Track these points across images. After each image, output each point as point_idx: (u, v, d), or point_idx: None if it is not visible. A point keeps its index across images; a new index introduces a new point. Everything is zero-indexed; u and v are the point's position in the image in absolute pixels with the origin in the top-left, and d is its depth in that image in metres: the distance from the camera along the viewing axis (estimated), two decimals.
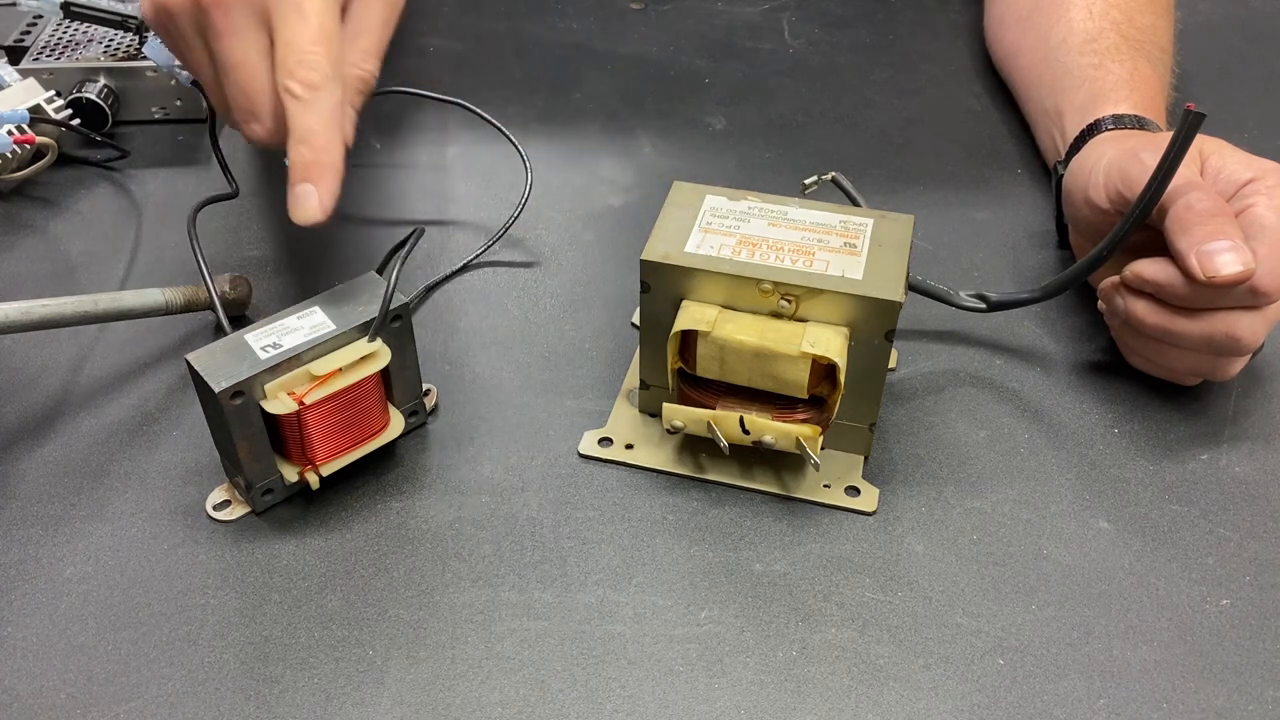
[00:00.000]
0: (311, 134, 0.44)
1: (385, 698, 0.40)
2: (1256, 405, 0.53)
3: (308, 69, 0.44)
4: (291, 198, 0.44)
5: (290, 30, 0.44)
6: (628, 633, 0.43)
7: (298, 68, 0.44)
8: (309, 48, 0.44)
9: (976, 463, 0.50)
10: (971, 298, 0.54)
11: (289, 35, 0.44)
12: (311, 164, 0.44)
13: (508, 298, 0.59)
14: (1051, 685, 0.41)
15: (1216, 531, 0.47)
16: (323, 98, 0.44)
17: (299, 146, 0.44)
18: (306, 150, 0.44)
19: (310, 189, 0.44)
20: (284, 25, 0.44)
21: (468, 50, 0.80)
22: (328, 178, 0.44)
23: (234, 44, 0.45)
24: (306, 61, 0.44)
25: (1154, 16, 0.67)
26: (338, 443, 0.46)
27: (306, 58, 0.44)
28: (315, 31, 0.44)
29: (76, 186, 0.66)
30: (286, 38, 0.44)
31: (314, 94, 0.44)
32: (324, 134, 0.44)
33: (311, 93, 0.44)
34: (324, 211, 0.44)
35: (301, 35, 0.44)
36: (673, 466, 0.49)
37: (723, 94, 0.76)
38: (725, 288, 0.45)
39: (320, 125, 0.44)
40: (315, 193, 0.44)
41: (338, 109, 0.45)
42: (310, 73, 0.44)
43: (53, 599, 0.44)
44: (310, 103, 0.44)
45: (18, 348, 0.55)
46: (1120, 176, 0.50)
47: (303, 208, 0.44)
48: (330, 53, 0.45)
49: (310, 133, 0.44)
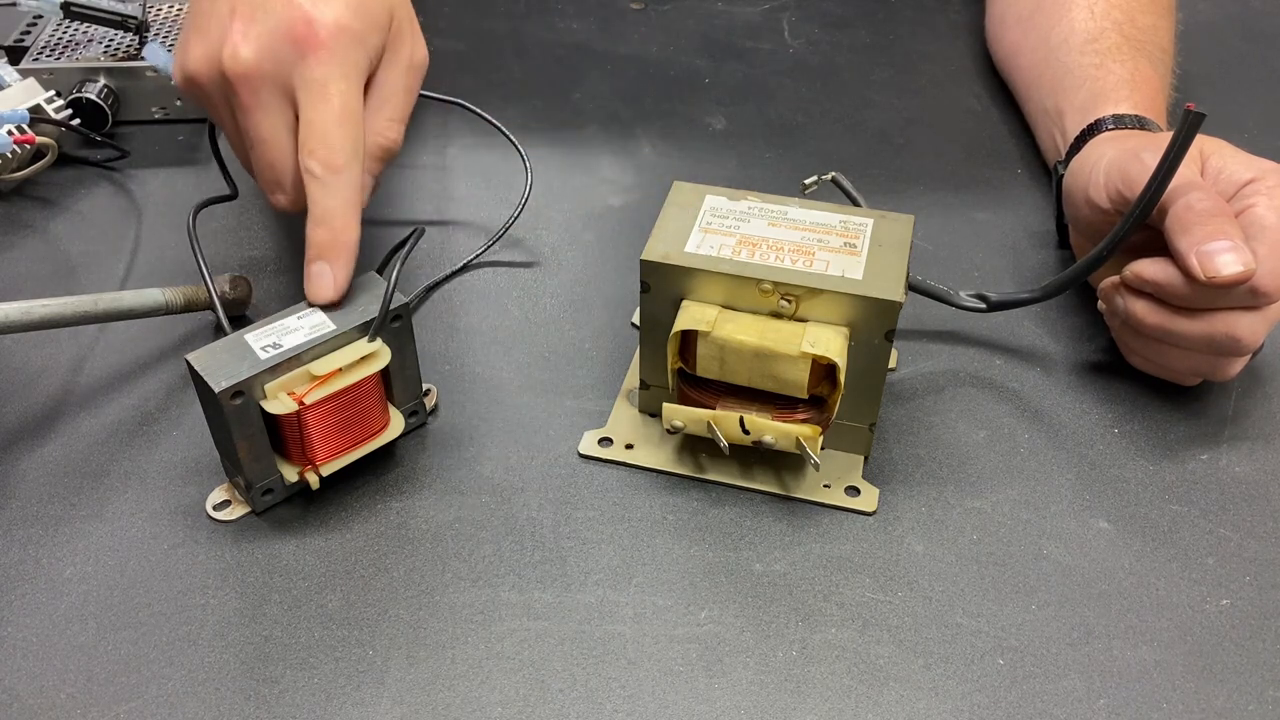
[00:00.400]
0: (330, 215, 0.45)
1: (385, 698, 0.40)
2: (1256, 405, 0.53)
3: (329, 151, 0.45)
4: (307, 275, 0.45)
5: (313, 109, 0.45)
6: (628, 633, 0.43)
7: (319, 148, 0.45)
8: (331, 129, 0.45)
9: (976, 463, 0.50)
10: (971, 298, 0.55)
11: (311, 114, 0.45)
12: (328, 244, 0.45)
13: (508, 298, 0.59)
14: (1051, 685, 0.41)
15: (1216, 531, 0.47)
16: (343, 180, 0.45)
17: (317, 227, 0.45)
18: (325, 231, 0.45)
19: (326, 269, 0.45)
20: (307, 104, 0.45)
21: (468, 50, 0.80)
22: (343, 258, 0.45)
23: (260, 120, 0.46)
24: (328, 143, 0.45)
25: (1155, 17, 0.67)
26: (338, 443, 0.46)
27: (328, 139, 0.45)
28: (338, 113, 0.45)
29: (76, 186, 0.66)
30: (309, 116, 0.45)
31: (334, 177, 0.45)
32: (342, 216, 0.45)
33: (332, 175, 0.45)
34: (338, 292, 0.45)
35: (324, 116, 0.45)
36: (673, 466, 0.49)
37: (723, 94, 0.76)
38: (725, 288, 0.45)
39: (339, 207, 0.45)
40: (330, 272, 0.45)
41: (357, 190, 0.46)
42: (333, 155, 0.45)
43: (53, 599, 0.44)
44: (330, 184, 0.45)
45: (18, 348, 0.55)
46: (1120, 176, 0.50)
47: (318, 286, 0.45)
48: (351, 134, 0.45)
49: (329, 214, 0.45)
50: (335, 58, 0.45)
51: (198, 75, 0.47)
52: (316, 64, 0.45)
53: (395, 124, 0.49)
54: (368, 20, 0.47)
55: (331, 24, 0.45)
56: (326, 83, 0.45)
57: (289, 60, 0.45)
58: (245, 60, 0.45)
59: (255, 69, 0.45)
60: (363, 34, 0.46)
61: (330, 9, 0.45)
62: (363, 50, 0.47)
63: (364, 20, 0.46)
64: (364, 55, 0.47)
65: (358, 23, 0.46)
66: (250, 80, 0.45)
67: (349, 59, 0.46)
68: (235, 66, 0.45)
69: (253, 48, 0.45)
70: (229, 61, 0.45)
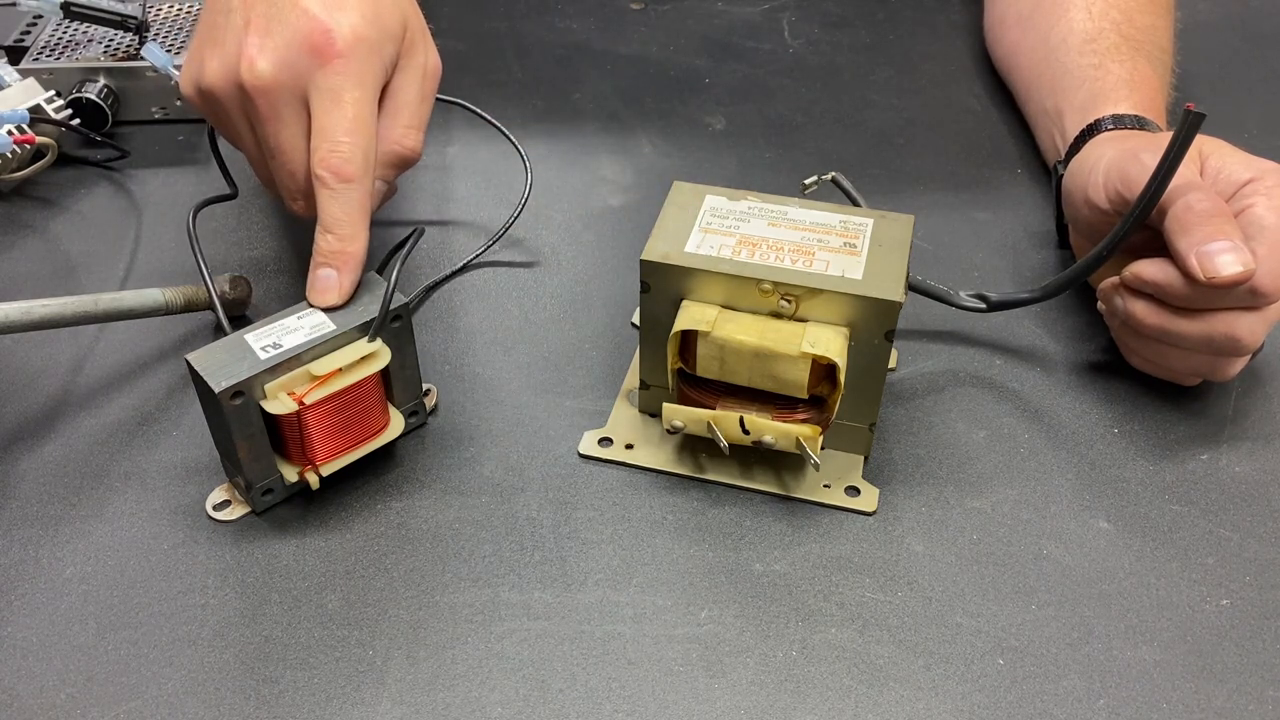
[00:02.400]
0: (338, 224, 0.45)
1: (385, 698, 0.40)
2: (1256, 405, 0.53)
3: (340, 160, 0.45)
4: (312, 279, 0.45)
5: (326, 117, 0.45)
6: (628, 633, 0.43)
7: (330, 156, 0.45)
8: (342, 138, 0.45)
9: (976, 463, 0.50)
10: (971, 298, 0.55)
11: (324, 121, 0.45)
12: (337, 253, 0.45)
13: (508, 298, 0.59)
14: (1051, 685, 0.41)
15: (1216, 531, 0.47)
16: (353, 189, 0.45)
17: (326, 235, 0.45)
18: (334, 239, 0.45)
19: (332, 274, 0.45)
20: (320, 111, 0.45)
21: (468, 50, 0.80)
22: (350, 266, 0.45)
23: (278, 131, 0.46)
24: (339, 152, 0.45)
25: (1154, 16, 0.67)
26: (338, 443, 0.46)
27: (339, 148, 0.45)
28: (350, 121, 0.45)
29: (76, 186, 0.66)
30: (322, 124, 0.45)
31: (344, 186, 0.45)
32: (351, 225, 0.45)
33: (342, 185, 0.45)
34: (342, 298, 0.45)
35: (336, 123, 0.45)
36: (673, 466, 0.49)
37: (723, 94, 0.76)
38: (725, 288, 0.45)
39: (348, 216, 0.45)
40: (337, 278, 0.45)
41: (366, 198, 0.46)
42: (343, 164, 0.45)
43: (53, 599, 0.44)
44: (340, 193, 0.45)
45: (18, 348, 0.55)
46: (1120, 177, 0.50)
47: (322, 291, 0.45)
48: (362, 143, 0.45)
49: (337, 223, 0.45)
50: (351, 67, 0.45)
51: (214, 89, 0.47)
52: (333, 73, 0.45)
53: (413, 131, 0.49)
54: (383, 30, 0.47)
55: (349, 34, 0.45)
56: (341, 91, 0.45)
57: (306, 71, 0.45)
58: (263, 73, 0.45)
59: (274, 81, 0.45)
60: (379, 43, 0.46)
61: (346, 19, 0.45)
62: (378, 59, 0.47)
63: (379, 30, 0.47)
64: (379, 64, 0.47)
65: (373, 32, 0.46)
66: (269, 93, 0.45)
67: (365, 68, 0.46)
68: (254, 80, 0.45)
69: (270, 60, 0.45)
70: (247, 74, 0.45)
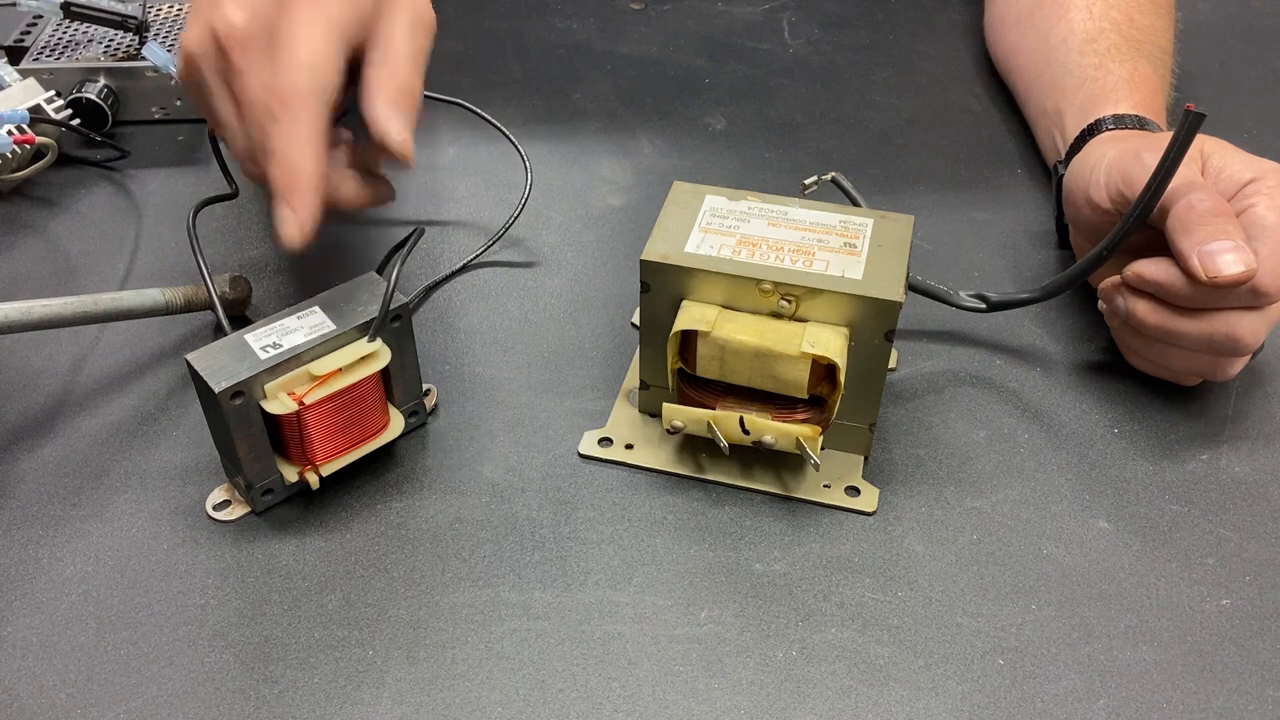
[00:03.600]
0: (283, 154, 0.43)
1: (385, 698, 0.40)
2: (1256, 405, 0.53)
3: (281, 89, 0.43)
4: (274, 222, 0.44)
5: (278, 53, 0.44)
6: (628, 633, 0.43)
7: (274, 81, 0.44)
8: (288, 68, 0.44)
9: (976, 463, 0.50)
10: (971, 298, 0.55)
11: (276, 57, 0.44)
12: (286, 184, 0.43)
13: (508, 298, 0.59)
14: (1051, 685, 0.41)
15: (1216, 531, 0.47)
16: (297, 117, 0.43)
17: (272, 169, 0.44)
18: (278, 171, 0.43)
19: (288, 212, 0.43)
20: (276, 50, 0.44)
21: (468, 50, 0.80)
22: (301, 195, 0.43)
23: (249, 83, 0.45)
24: (281, 80, 0.44)
25: (1154, 17, 0.67)
26: (338, 443, 0.46)
27: (285, 76, 0.44)
28: (300, 55, 0.44)
29: (76, 186, 0.66)
30: (275, 61, 0.44)
31: (286, 113, 0.43)
32: (297, 153, 0.43)
33: (283, 111, 0.43)
34: (302, 232, 0.43)
35: (285, 58, 0.44)
36: (673, 466, 0.49)
37: (723, 94, 0.76)
38: (725, 288, 0.45)
39: (291, 144, 0.43)
40: (291, 213, 0.43)
41: (314, 128, 0.44)
42: (285, 94, 0.43)
43: (53, 599, 0.44)
44: (282, 121, 0.43)
45: (18, 348, 0.55)
46: (1121, 176, 0.50)
47: (279, 230, 0.43)
48: (307, 74, 0.44)
49: (281, 152, 0.43)
50: (313, 4, 0.44)
51: (194, 53, 0.46)
52: (294, 10, 0.44)
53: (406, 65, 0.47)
54: None
55: None
56: (295, 26, 0.44)
57: (275, 15, 0.44)
58: (236, 23, 0.44)
59: (245, 30, 0.44)
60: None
61: None
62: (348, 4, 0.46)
63: None
64: (349, 8, 0.46)
65: None
66: (242, 43, 0.44)
67: (326, 8, 0.45)
68: (227, 29, 0.44)
69: (242, 12, 0.44)
70: (220, 26, 0.45)
